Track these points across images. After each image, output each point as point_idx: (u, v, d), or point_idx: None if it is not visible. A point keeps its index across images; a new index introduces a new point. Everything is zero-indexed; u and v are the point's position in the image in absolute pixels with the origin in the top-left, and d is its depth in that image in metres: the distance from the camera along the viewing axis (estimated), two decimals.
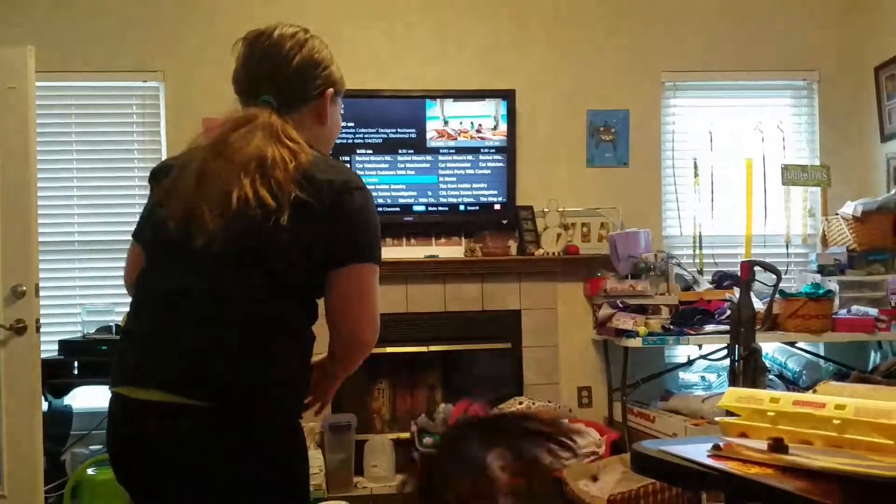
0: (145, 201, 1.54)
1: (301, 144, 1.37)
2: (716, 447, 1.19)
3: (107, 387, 1.44)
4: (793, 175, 3.97)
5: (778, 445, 1.08)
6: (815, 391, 1.36)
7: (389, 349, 3.91)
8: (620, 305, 3.74)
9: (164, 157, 3.93)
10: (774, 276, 2.87)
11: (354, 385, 3.98)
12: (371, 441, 3.70)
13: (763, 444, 1.11)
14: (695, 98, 4.33)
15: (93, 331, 3.67)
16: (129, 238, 1.59)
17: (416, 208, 3.95)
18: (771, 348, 3.88)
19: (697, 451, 1.20)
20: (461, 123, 3.97)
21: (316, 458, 3.44)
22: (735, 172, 4.19)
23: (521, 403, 3.79)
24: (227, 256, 1.30)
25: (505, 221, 4.00)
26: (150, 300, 1.40)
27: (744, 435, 1.24)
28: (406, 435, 3.79)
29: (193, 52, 3.93)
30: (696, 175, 4.19)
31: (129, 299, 1.50)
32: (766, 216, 4.18)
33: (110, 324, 3.73)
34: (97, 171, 3.97)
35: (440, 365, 4.19)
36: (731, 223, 4.19)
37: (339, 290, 1.39)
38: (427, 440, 3.72)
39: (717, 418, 1.29)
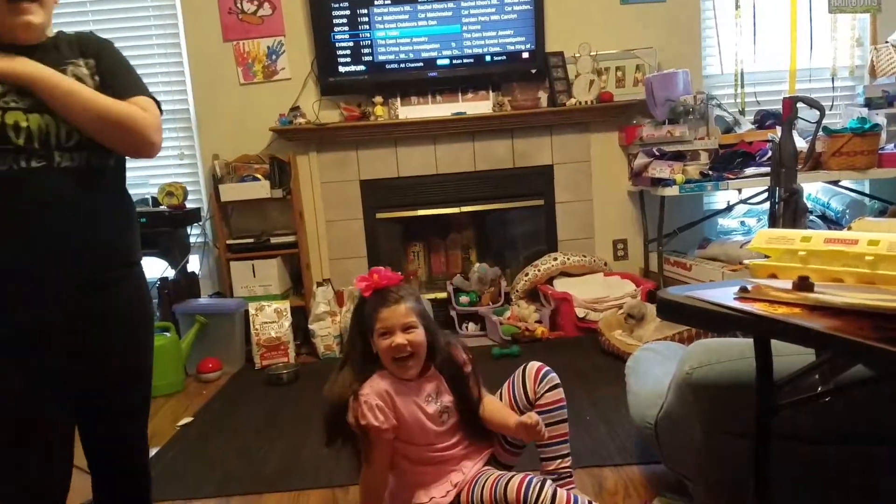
0: (166, 69, 1.40)
1: None
2: (743, 289, 1.14)
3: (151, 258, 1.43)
4: (840, 1, 3.64)
5: (803, 284, 1.02)
6: (849, 228, 1.28)
7: (421, 212, 3.91)
8: (657, 153, 3.60)
9: (180, 20, 3.81)
10: (818, 112, 2.68)
11: (390, 248, 4.02)
12: None
13: (789, 284, 1.05)
14: None
15: None
16: None
17: (440, 62, 3.76)
18: (814, 188, 3.74)
19: (724, 295, 1.15)
20: None
21: None
22: (778, 3, 3.86)
23: (555, 259, 3.78)
24: None
25: (534, 70, 3.80)
26: None
27: (773, 276, 1.19)
28: (443, 295, 3.84)
29: None
30: (737, 8, 3.87)
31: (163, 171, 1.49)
32: (812, 48, 3.88)
33: (146, 196, 3.79)
34: (115, 39, 3.79)
35: (473, 225, 4.17)
36: (775, 58, 3.91)
37: None
38: (463, 299, 3.77)
39: (746, 261, 1.22)
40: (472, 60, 3.76)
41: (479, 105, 3.83)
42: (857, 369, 1.14)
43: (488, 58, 3.77)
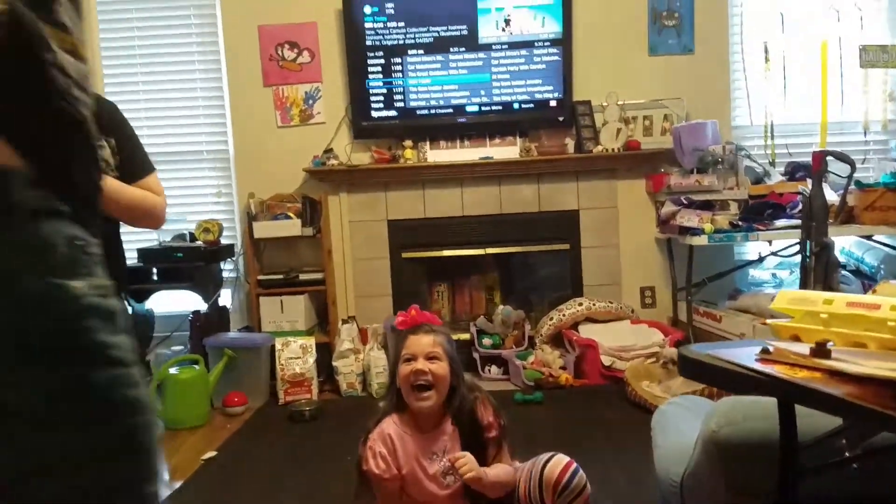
0: (208, 112, 1.51)
1: None
2: (765, 351, 1.15)
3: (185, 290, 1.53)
4: (872, 56, 3.65)
5: (820, 350, 1.03)
6: (874, 291, 1.28)
7: (447, 252, 3.95)
8: (685, 202, 3.61)
9: (223, 66, 3.95)
10: (848, 167, 2.68)
11: (415, 287, 4.06)
12: None
13: (807, 348, 1.06)
14: None
15: (168, 239, 3.84)
16: (197, 149, 1.65)
17: (469, 109, 3.84)
18: (847, 242, 3.70)
19: (746, 355, 1.16)
20: (514, 16, 3.78)
21: (380, 358, 3.55)
22: (809, 56, 3.89)
23: (580, 305, 3.77)
24: None
25: (561, 118, 3.86)
26: None
27: (796, 338, 1.19)
28: (466, 336, 3.85)
29: None
30: (766, 60, 3.90)
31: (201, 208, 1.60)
32: (843, 102, 3.89)
33: (184, 231, 3.89)
34: (161, 82, 4.04)
35: (498, 266, 4.20)
36: (806, 110, 3.92)
37: None
38: (486, 341, 3.77)
39: (768, 321, 1.23)
40: (500, 107, 3.84)
41: (506, 150, 3.88)
42: (884, 435, 1.13)
43: (516, 105, 3.83)
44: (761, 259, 3.73)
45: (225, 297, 3.97)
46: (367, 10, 3.76)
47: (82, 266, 0.65)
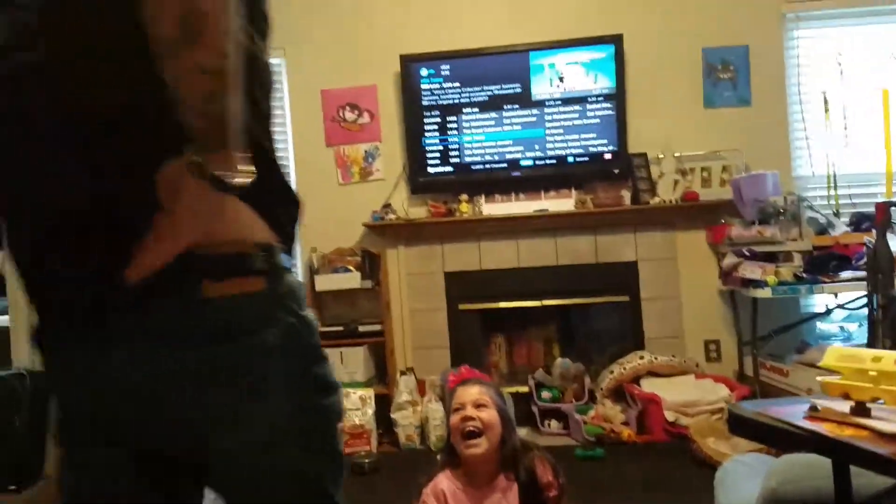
0: None
1: None
2: (813, 408, 1.14)
3: None
4: None
5: (860, 408, 1.02)
6: None
7: (503, 304, 3.97)
8: (747, 253, 3.55)
9: (288, 128, 4.14)
10: None
11: (472, 339, 4.07)
12: None
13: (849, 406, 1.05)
14: (820, 28, 3.96)
15: None
16: None
17: (523, 163, 3.91)
18: None
19: (795, 413, 1.16)
20: (567, 73, 3.86)
21: (437, 411, 3.55)
22: (870, 105, 3.83)
23: (642, 358, 3.71)
24: None
25: (617, 171, 3.88)
26: None
27: (846, 395, 1.17)
28: (524, 389, 3.83)
29: (309, 29, 4.09)
30: (826, 110, 3.87)
31: None
32: None
33: None
34: None
35: (556, 319, 4.18)
36: (870, 160, 3.84)
37: None
38: (545, 394, 3.74)
39: (818, 378, 1.22)
40: (554, 161, 3.89)
41: (561, 203, 3.91)
42: None
43: (571, 159, 3.88)
44: (828, 312, 3.63)
45: None
46: (424, 72, 3.91)
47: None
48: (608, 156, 3.88)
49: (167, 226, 0.82)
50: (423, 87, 3.92)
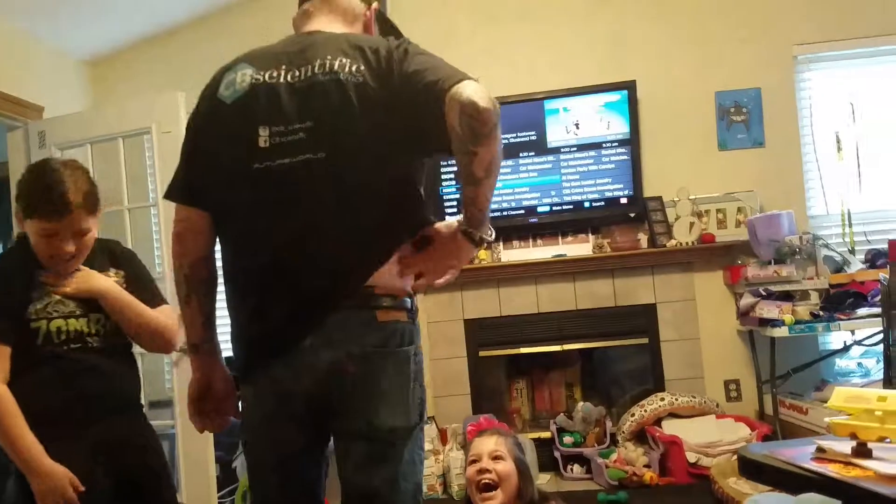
0: None
1: None
2: (819, 450, 1.18)
3: None
4: None
5: (861, 449, 1.05)
6: None
7: (524, 349, 4.00)
8: (764, 293, 3.57)
9: None
10: None
11: (493, 385, 4.10)
12: None
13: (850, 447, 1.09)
14: (831, 69, 4.03)
15: None
16: None
17: (540, 209, 3.98)
18: None
19: (802, 455, 1.19)
20: (582, 119, 3.96)
21: (459, 459, 3.56)
22: (883, 143, 3.87)
23: (662, 400, 3.71)
24: None
25: (633, 215, 3.94)
26: None
27: (854, 435, 1.21)
28: (546, 434, 3.83)
29: None
30: (839, 150, 3.91)
31: None
32: None
33: None
34: None
35: (577, 362, 4.19)
36: (884, 197, 3.87)
37: None
38: (567, 439, 3.74)
39: (826, 419, 1.26)
40: (571, 206, 3.96)
41: (578, 247, 3.97)
42: None
43: (587, 204, 3.95)
44: (846, 348, 3.62)
45: None
46: None
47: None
48: (624, 200, 3.95)
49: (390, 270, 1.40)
50: None
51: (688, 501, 3.12)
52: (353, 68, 1.36)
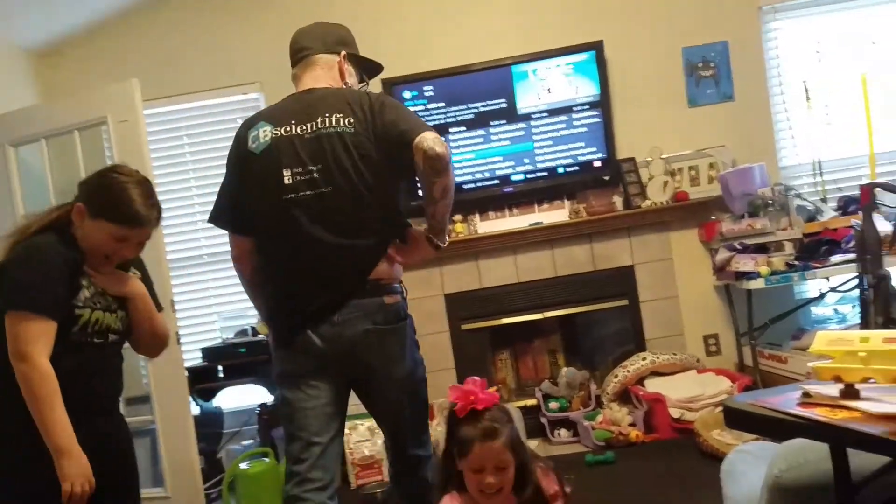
0: None
1: None
2: (805, 395, 1.17)
3: (251, 385, 2.65)
4: None
5: (849, 390, 1.04)
6: None
7: (506, 320, 3.99)
8: (738, 247, 3.59)
9: None
10: None
11: (477, 357, 4.09)
12: None
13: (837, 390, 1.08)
14: (797, 18, 4.02)
15: (231, 335, 3.95)
16: None
17: (514, 178, 3.95)
18: None
19: (787, 401, 1.18)
20: (551, 82, 3.92)
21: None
22: (850, 90, 3.87)
23: (644, 359, 3.74)
24: None
25: (607, 178, 3.93)
26: None
27: (838, 378, 1.20)
28: (532, 402, 3.85)
29: (285, 60, 4.08)
30: (807, 99, 3.92)
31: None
32: (889, 132, 3.84)
33: (245, 327, 4.01)
34: (214, 185, 4.13)
35: (559, 329, 4.20)
36: (853, 144, 3.88)
37: None
38: (553, 405, 3.76)
39: (809, 364, 1.25)
40: (545, 173, 3.93)
41: (555, 214, 3.96)
42: None
43: (561, 170, 3.92)
44: (822, 296, 3.65)
45: None
46: (408, 94, 3.96)
47: None
48: (597, 163, 3.93)
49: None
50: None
51: (673, 456, 3.16)
52: (346, 122, 1.91)
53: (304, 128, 1.92)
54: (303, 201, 1.88)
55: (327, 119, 1.91)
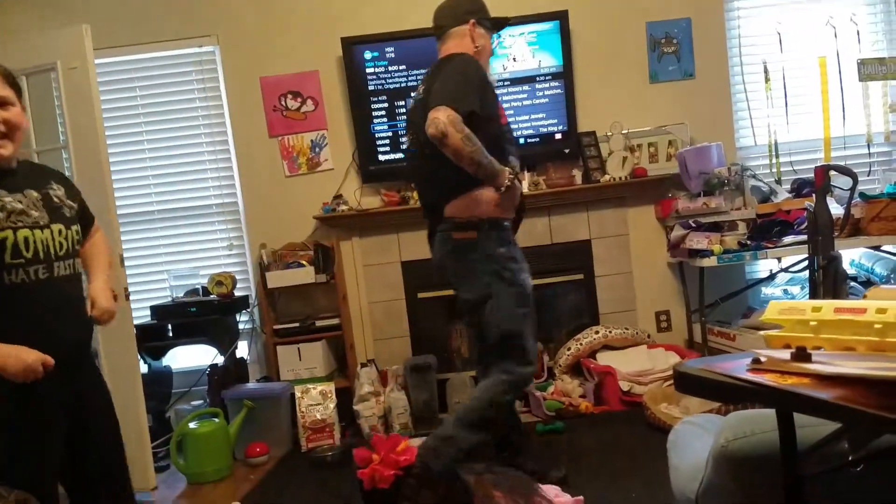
0: (215, 166, 2.00)
1: None
2: (755, 361, 1.16)
3: (201, 345, 2.15)
4: (870, 70, 3.69)
5: (801, 354, 1.04)
6: (865, 296, 1.29)
7: None
8: (693, 225, 3.62)
9: (227, 119, 4.04)
10: (851, 179, 2.69)
11: (432, 326, 4.07)
12: (452, 379, 3.78)
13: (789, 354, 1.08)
14: None
15: (181, 294, 3.87)
16: (206, 203, 2.15)
17: None
18: (857, 254, 3.69)
19: (738, 367, 1.17)
20: (515, 50, 3.87)
21: (400, 399, 3.57)
22: (809, 73, 3.93)
23: (597, 333, 3.77)
24: None
25: (567, 150, 3.91)
26: None
27: (788, 346, 1.20)
28: None
29: (242, 13, 3.98)
30: (766, 80, 3.95)
31: (213, 262, 2.30)
32: (845, 116, 3.91)
33: (196, 286, 3.93)
34: (166, 140, 4.08)
35: None
36: (809, 127, 3.95)
37: None
38: None
39: (761, 332, 1.25)
40: None
41: None
42: (889, 436, 1.13)
43: (522, 140, 3.89)
44: (772, 276, 3.73)
45: (242, 349, 4.00)
46: (368, 55, 3.87)
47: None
48: (559, 136, 3.91)
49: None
50: (367, 71, 3.87)
51: (621, 427, 3.20)
52: (422, 90, 2.52)
53: (419, 94, 2.53)
54: (410, 155, 2.72)
55: (422, 88, 2.50)
